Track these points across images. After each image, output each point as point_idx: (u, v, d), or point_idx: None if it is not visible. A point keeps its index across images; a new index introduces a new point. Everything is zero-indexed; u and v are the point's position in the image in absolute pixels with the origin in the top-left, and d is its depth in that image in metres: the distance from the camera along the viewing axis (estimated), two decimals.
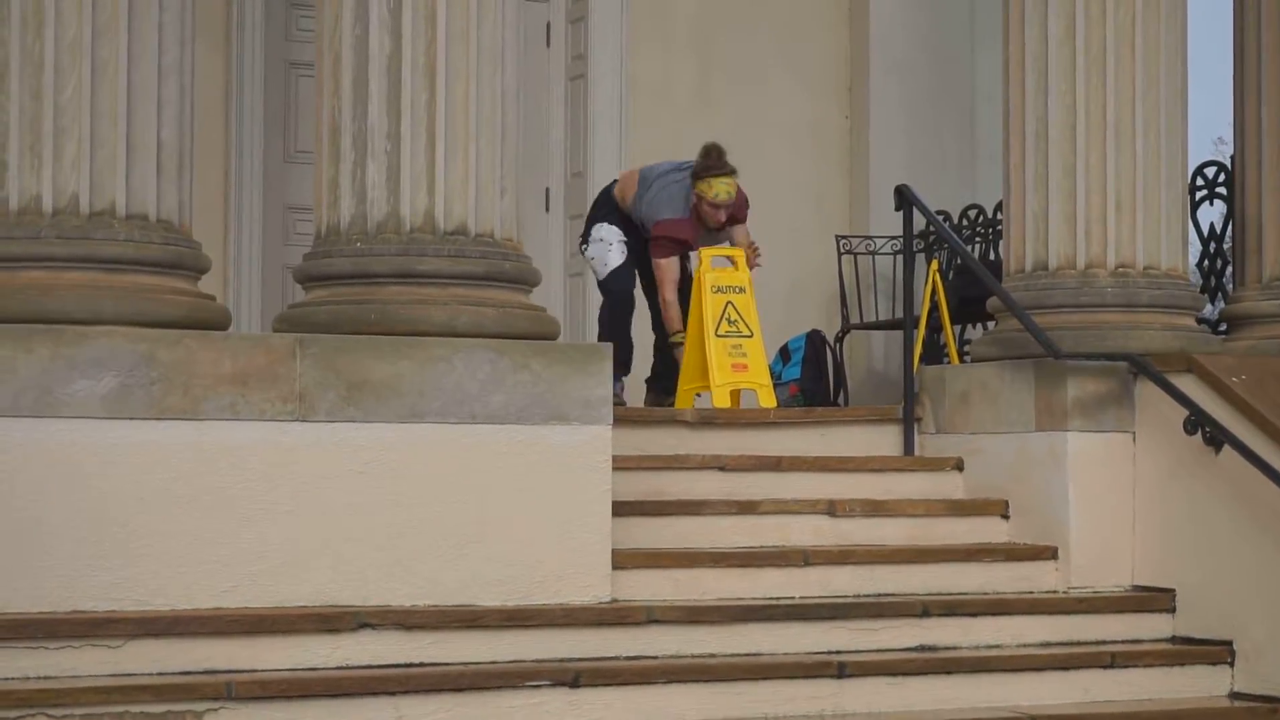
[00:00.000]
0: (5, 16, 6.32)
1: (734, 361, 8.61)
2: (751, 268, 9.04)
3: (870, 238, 10.51)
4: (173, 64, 6.57)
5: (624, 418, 7.82)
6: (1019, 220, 8.52)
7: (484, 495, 6.76)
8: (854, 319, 10.50)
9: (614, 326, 8.91)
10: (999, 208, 8.94)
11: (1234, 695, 7.38)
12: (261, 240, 9.97)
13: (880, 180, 10.50)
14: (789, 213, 10.87)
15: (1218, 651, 7.46)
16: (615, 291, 9.01)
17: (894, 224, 9.40)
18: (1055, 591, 7.80)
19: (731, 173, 9.00)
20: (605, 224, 9.04)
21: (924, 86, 11.29)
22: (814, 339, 10.25)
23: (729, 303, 8.47)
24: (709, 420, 8.60)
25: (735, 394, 9.01)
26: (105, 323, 6.26)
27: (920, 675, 7.00)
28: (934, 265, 9.29)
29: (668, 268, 9.05)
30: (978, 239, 10.00)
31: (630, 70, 10.87)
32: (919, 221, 9.04)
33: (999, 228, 8.92)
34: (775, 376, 10.18)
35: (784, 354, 10.28)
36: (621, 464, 7.28)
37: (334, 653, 6.28)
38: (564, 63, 10.98)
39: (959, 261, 9.23)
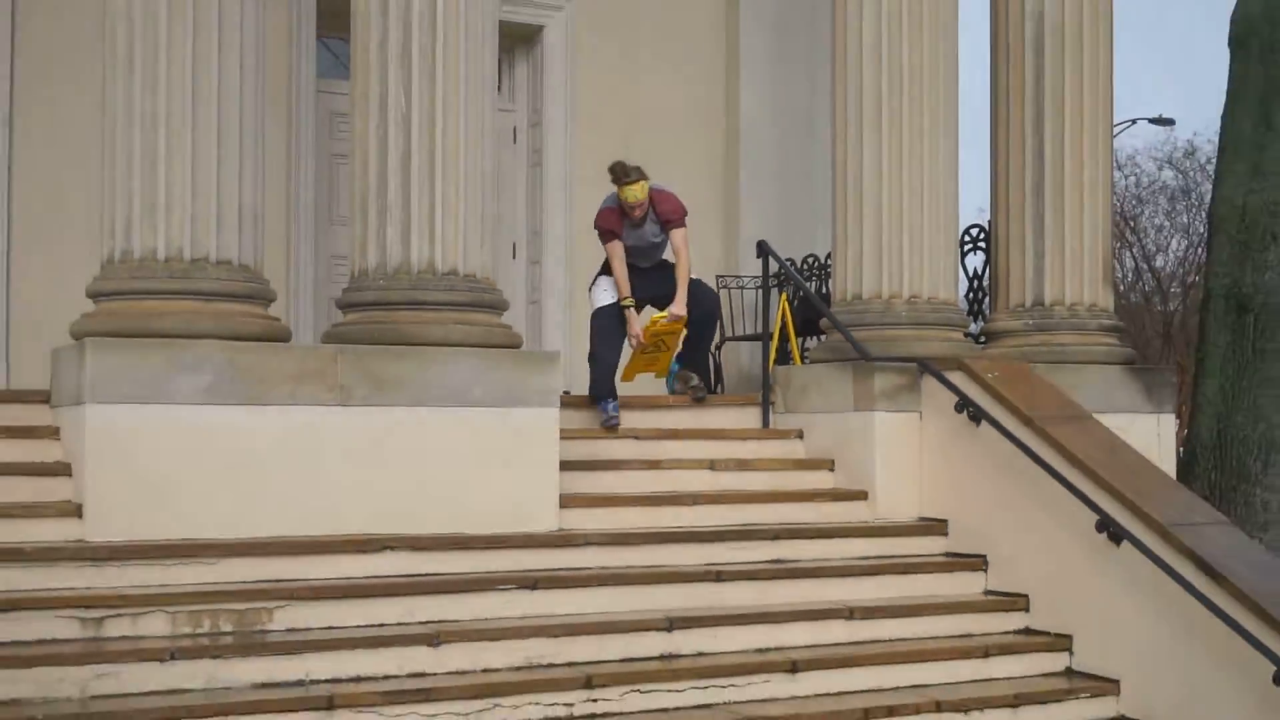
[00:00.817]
0: (131, 119, 6.57)
1: (647, 360, 9.00)
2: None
3: (740, 277, 10.64)
4: (250, 154, 6.87)
5: (568, 403, 8.13)
6: (842, 265, 8.84)
7: (469, 457, 7.06)
8: (729, 334, 10.60)
9: (593, 350, 8.81)
10: (829, 256, 9.14)
11: (987, 592, 7.72)
12: (313, 279, 10.05)
13: (746, 238, 10.63)
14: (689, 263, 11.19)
15: (976, 562, 7.81)
16: (595, 325, 8.87)
17: (756, 268, 9.65)
18: (866, 522, 8.05)
19: (635, 180, 8.71)
20: (602, 276, 9.01)
21: (776, 176, 11.38)
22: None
23: (661, 338, 8.88)
24: (628, 405, 8.83)
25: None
26: (202, 337, 6.58)
27: (774, 580, 7.30)
28: (784, 296, 9.57)
29: (610, 250, 8.86)
30: (814, 277, 10.21)
31: (572, 159, 11.04)
32: (773, 266, 9.38)
33: (829, 269, 9.17)
34: (669, 375, 10.48)
35: (678, 360, 10.45)
36: (567, 435, 7.56)
37: (364, 568, 6.58)
38: (525, 153, 11.07)
39: (801, 293, 9.49)
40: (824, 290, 9.42)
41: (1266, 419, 10.06)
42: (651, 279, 8.98)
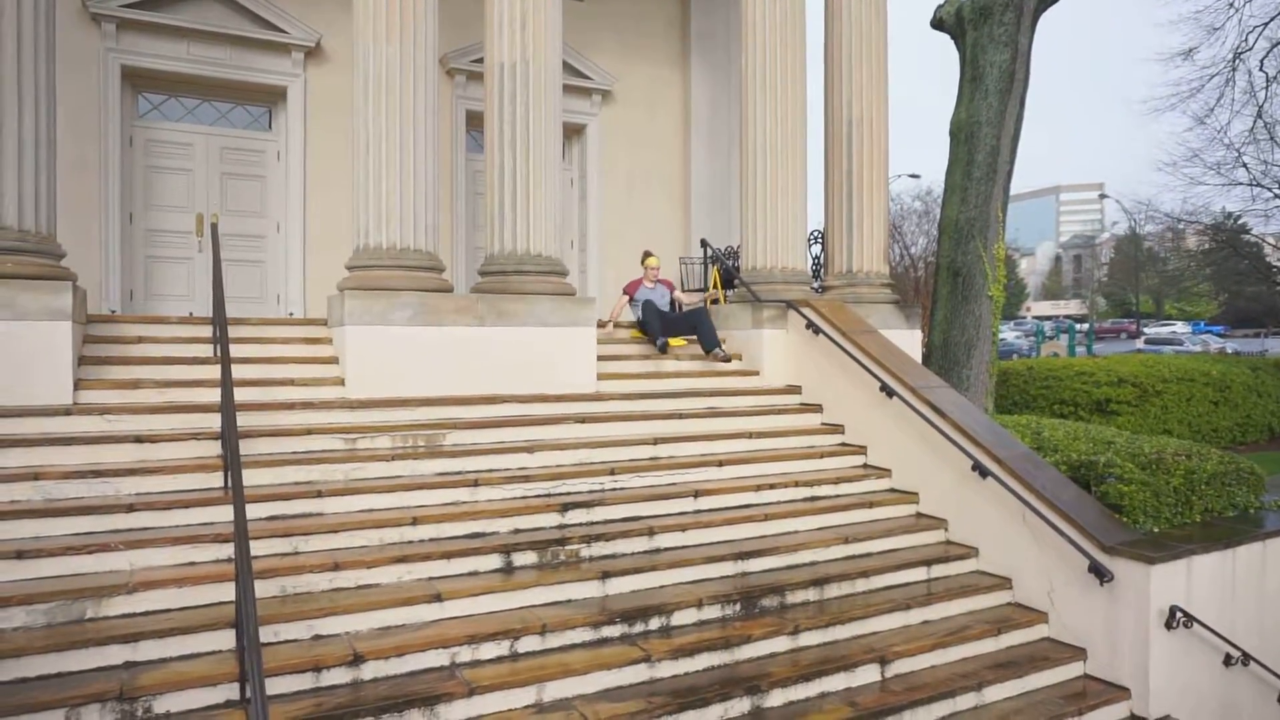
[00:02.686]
0: (368, 178, 6.49)
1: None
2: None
3: (692, 258, 10.61)
4: (430, 195, 6.74)
5: (600, 325, 8.05)
6: (748, 250, 8.69)
7: (549, 353, 6.99)
8: (686, 288, 10.62)
9: (648, 324, 8.17)
10: (739, 245, 9.05)
11: (823, 424, 7.58)
12: (465, 257, 10.08)
13: (694, 236, 10.67)
14: (663, 250, 11.03)
15: (816, 407, 7.69)
16: (642, 311, 8.26)
17: (701, 253, 9.63)
18: (758, 387, 7.93)
19: (654, 256, 8.58)
20: (641, 303, 8.37)
21: (710, 204, 11.38)
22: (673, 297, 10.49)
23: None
24: (622, 326, 8.82)
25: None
26: (405, 289, 6.50)
27: (709, 417, 7.17)
28: (716, 268, 9.51)
29: (621, 302, 8.58)
30: (732, 257, 10.16)
31: (601, 193, 10.99)
32: (710, 251, 9.31)
33: (739, 252, 9.09)
34: None
35: None
36: (601, 341, 7.51)
37: (493, 412, 6.55)
38: (577, 193, 11.00)
39: (724, 265, 9.44)
40: (736, 264, 9.25)
41: (968, 333, 10.03)
42: (676, 323, 8.28)
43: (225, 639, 4.11)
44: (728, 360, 7.90)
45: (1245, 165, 22.88)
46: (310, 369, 6.55)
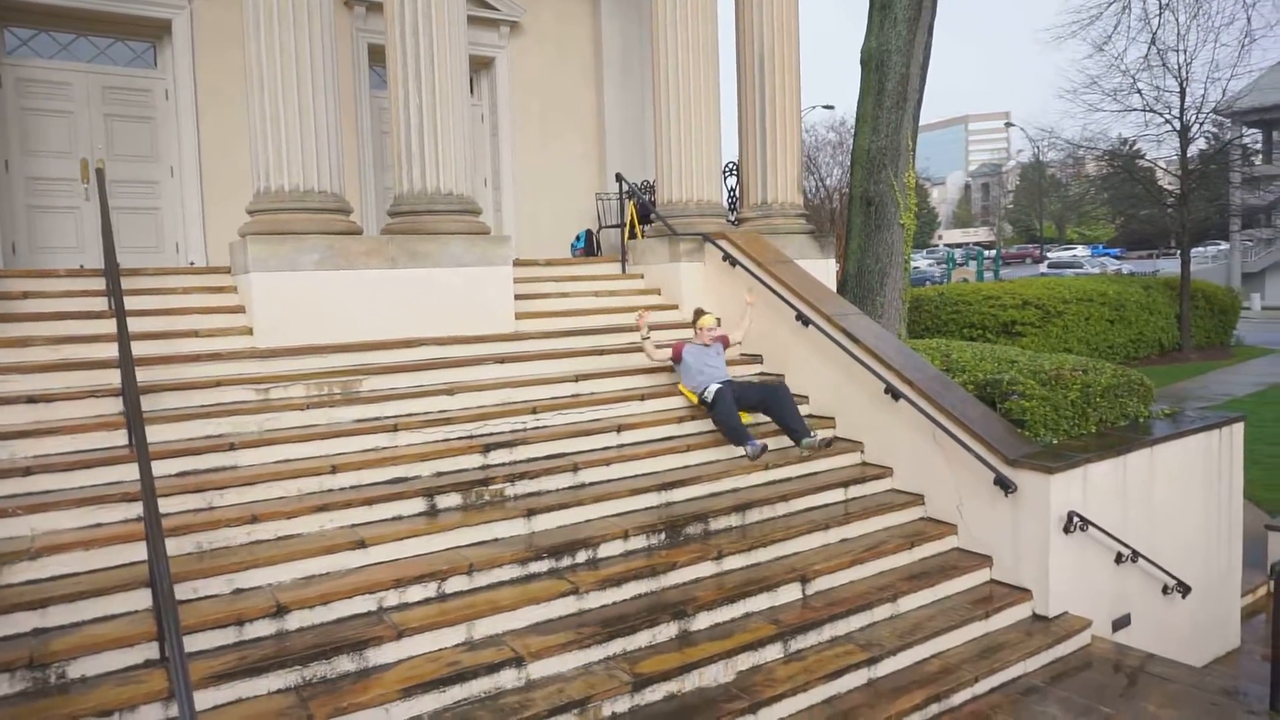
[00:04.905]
0: (264, 119, 6.17)
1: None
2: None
3: (609, 194, 10.49)
4: (333, 135, 6.45)
5: (518, 263, 7.86)
6: (663, 184, 8.60)
7: (466, 293, 6.85)
8: (603, 224, 10.56)
9: (721, 416, 6.07)
10: (655, 180, 8.94)
11: (742, 355, 7.57)
12: (375, 198, 9.74)
13: (610, 171, 10.53)
14: (580, 187, 10.92)
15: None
16: (718, 409, 6.09)
17: (617, 188, 9.50)
18: (678, 320, 7.85)
19: (708, 314, 6.71)
20: (710, 386, 6.28)
21: (624, 138, 11.21)
22: (590, 232, 10.36)
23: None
24: (551, 262, 8.70)
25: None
26: (312, 233, 6.27)
27: (630, 352, 7.17)
28: (632, 203, 9.40)
29: (658, 351, 6.69)
30: (648, 191, 10.06)
31: (514, 129, 10.68)
32: (625, 187, 9.20)
33: (654, 187, 9.00)
34: (572, 248, 10.31)
35: (577, 238, 10.33)
36: (518, 280, 7.40)
37: (410, 355, 6.44)
38: (489, 129, 10.69)
39: (640, 200, 9.36)
40: (652, 199, 9.17)
41: (881, 261, 10.21)
42: (742, 397, 6.22)
43: (141, 599, 4.00)
44: (829, 445, 6.10)
45: (1140, 92, 23.65)
46: (215, 319, 6.30)
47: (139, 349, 5.48)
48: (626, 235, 9.14)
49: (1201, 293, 23.49)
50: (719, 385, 6.23)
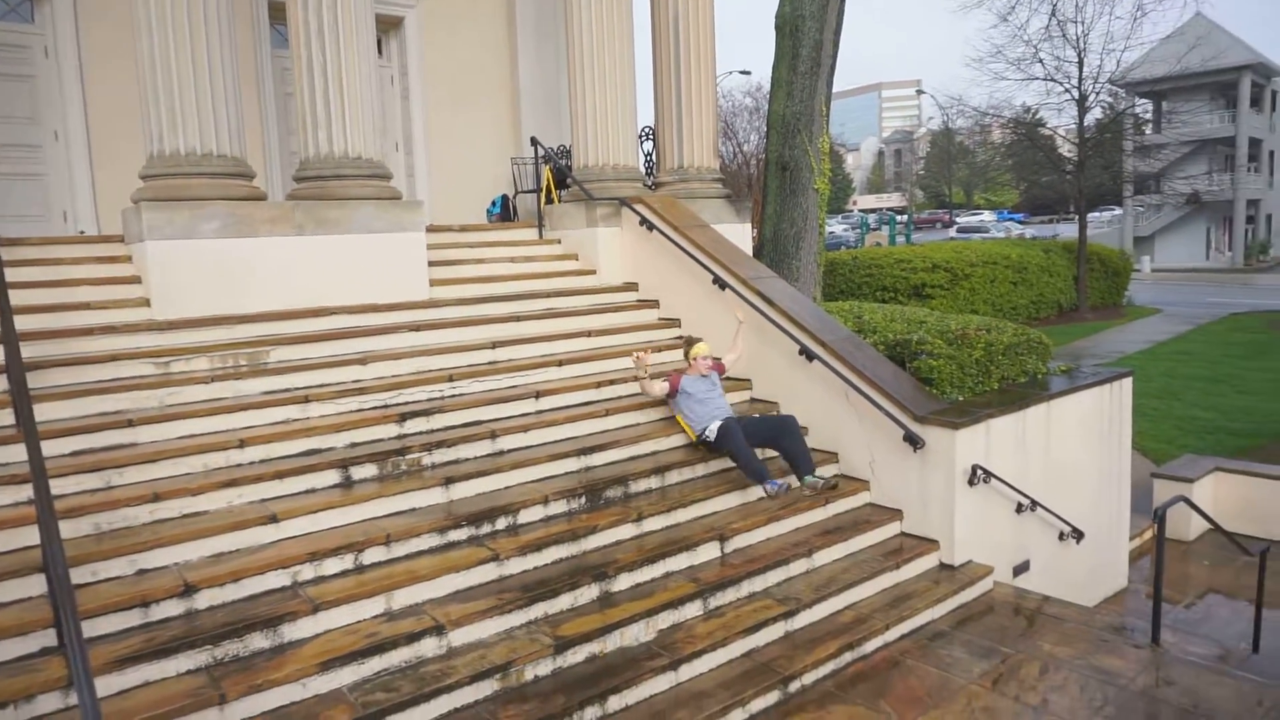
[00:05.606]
0: (156, 86, 5.84)
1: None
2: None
3: (524, 158, 10.28)
4: (231, 95, 6.15)
5: (431, 229, 7.69)
6: (579, 149, 8.48)
7: (377, 260, 6.65)
8: (519, 189, 10.37)
9: (735, 452, 5.51)
10: (571, 144, 8.83)
11: (660, 319, 7.66)
12: (280, 164, 9.32)
13: (526, 134, 10.31)
14: (495, 151, 10.68)
15: (653, 303, 7.76)
16: (732, 443, 5.53)
17: (533, 153, 9.33)
18: (595, 286, 7.88)
19: (701, 342, 6.03)
20: (712, 423, 5.69)
21: (540, 103, 10.98)
22: (506, 197, 10.17)
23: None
24: (466, 228, 8.51)
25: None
26: (212, 199, 6.00)
27: (548, 318, 7.09)
28: (548, 167, 9.25)
29: (656, 385, 5.92)
30: (564, 156, 9.91)
31: (425, 92, 10.35)
32: (541, 151, 9.03)
33: (570, 151, 8.87)
34: (488, 213, 10.10)
35: (493, 204, 10.12)
36: (432, 247, 7.23)
37: (320, 325, 6.24)
38: (399, 91, 10.31)
39: (557, 164, 9.21)
40: (569, 163, 9.05)
41: (796, 225, 10.34)
42: (751, 432, 5.70)
43: (35, 584, 3.83)
44: (833, 488, 5.74)
45: (1041, 61, 24.43)
46: (109, 290, 5.97)
47: (24, 323, 5.18)
48: (543, 200, 9.01)
49: (1097, 256, 24.60)
50: (721, 421, 5.66)
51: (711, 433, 5.67)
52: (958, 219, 57.37)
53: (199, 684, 3.58)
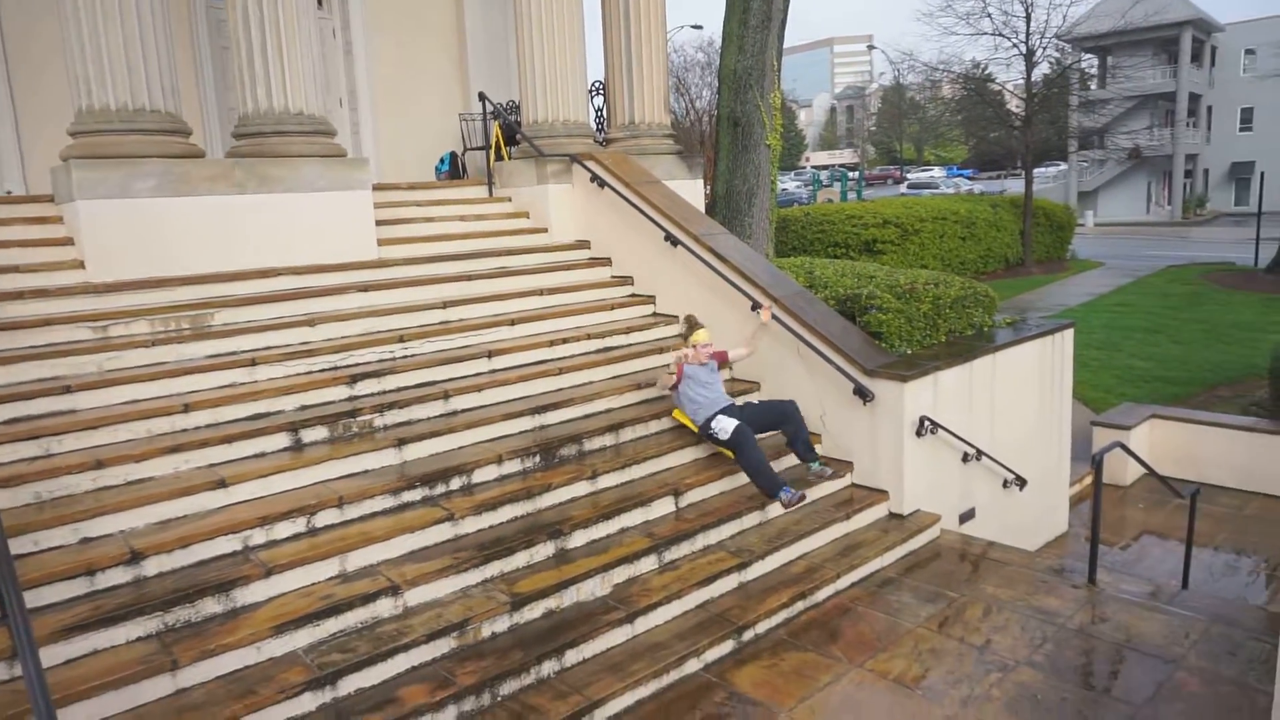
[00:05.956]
0: (82, 34, 5.57)
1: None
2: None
3: (473, 114, 10.04)
4: (164, 49, 5.89)
5: (379, 187, 7.52)
6: (528, 104, 8.29)
7: (323, 220, 6.50)
8: (468, 146, 10.17)
9: (747, 460, 5.23)
10: (520, 100, 8.67)
11: (613, 277, 7.60)
12: (218, 119, 9.01)
13: (474, 89, 10.08)
14: (442, 108, 10.44)
15: (605, 261, 7.70)
16: (742, 444, 5.22)
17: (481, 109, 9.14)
18: (547, 244, 7.80)
19: (702, 327, 5.68)
20: (719, 415, 5.37)
21: (491, 47, 10.71)
22: (454, 154, 9.96)
23: None
24: (414, 186, 8.34)
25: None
26: (147, 156, 5.78)
27: (500, 277, 7.00)
28: (497, 123, 9.06)
29: (671, 378, 5.51)
30: (513, 111, 9.73)
31: (369, 46, 10.03)
32: (490, 107, 8.85)
33: (519, 106, 8.70)
34: (437, 171, 9.90)
35: (442, 161, 9.90)
36: (379, 205, 7.08)
37: (266, 286, 6.09)
38: (341, 45, 9.95)
39: (506, 120, 9.04)
40: (518, 119, 8.89)
41: (748, 181, 10.33)
42: (754, 419, 5.50)
43: None
44: (830, 476, 5.65)
45: (990, 16, 24.60)
46: (40, 252, 5.74)
47: None
48: (492, 157, 8.84)
49: (1042, 210, 25.04)
50: (728, 417, 5.35)
51: (720, 431, 5.31)
52: (909, 175, 57.81)
53: (150, 651, 3.54)
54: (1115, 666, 4.21)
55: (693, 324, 5.78)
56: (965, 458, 6.24)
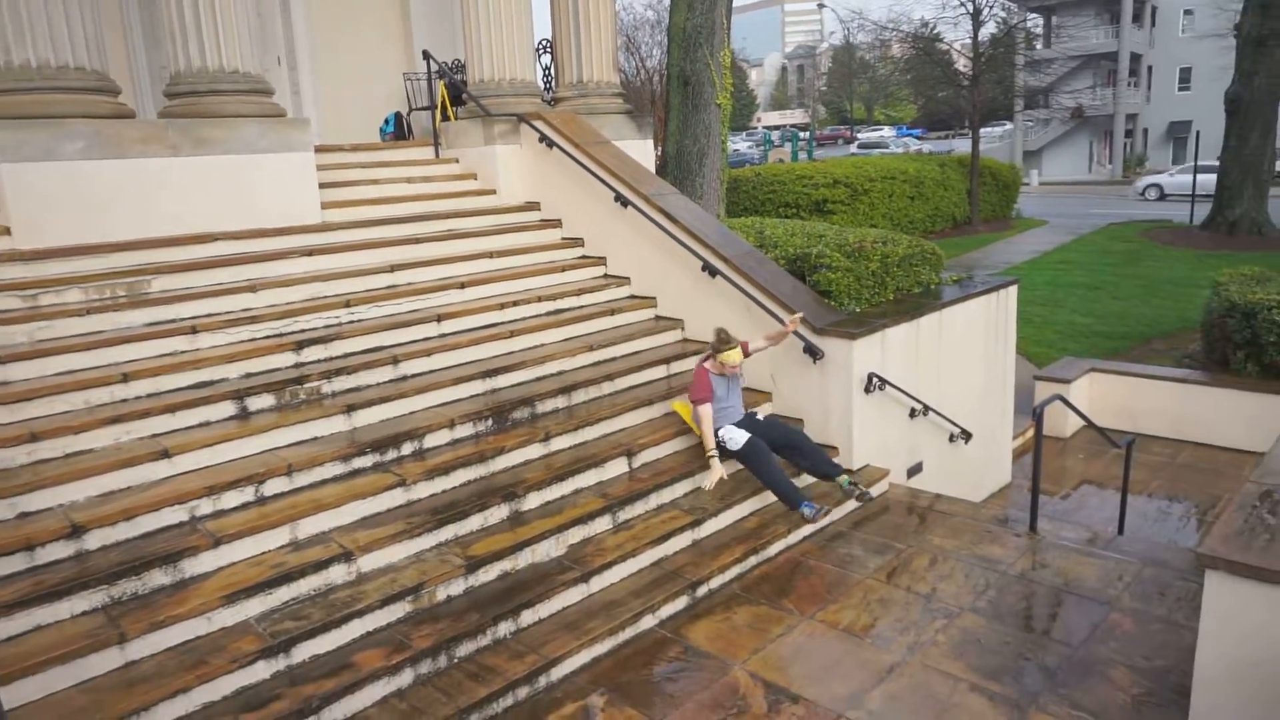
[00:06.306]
0: None
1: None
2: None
3: (417, 74, 9.83)
4: (90, 1, 5.66)
5: (322, 149, 7.32)
6: (474, 63, 8.13)
7: (264, 182, 6.31)
8: (413, 106, 9.93)
9: (762, 473, 5.17)
10: (465, 59, 8.47)
11: (563, 239, 7.52)
12: (148, 77, 8.66)
13: (418, 47, 9.81)
14: (386, 67, 10.15)
15: (555, 223, 7.61)
16: (752, 460, 5.18)
17: (425, 69, 8.92)
18: (496, 206, 7.67)
19: (735, 345, 5.27)
20: (729, 427, 5.29)
21: (435, 9, 10.38)
22: (399, 114, 9.72)
23: None
24: (358, 148, 8.13)
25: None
26: (73, 117, 5.54)
27: (449, 240, 6.89)
28: (443, 83, 8.84)
29: (701, 413, 5.20)
30: (459, 71, 9.52)
31: (308, 4, 9.64)
32: (435, 67, 8.64)
33: (465, 66, 8.52)
34: (382, 132, 9.66)
35: (386, 122, 9.66)
36: (323, 168, 6.90)
37: (206, 252, 5.91)
38: (278, 1, 9.59)
39: (451, 79, 8.83)
40: (464, 79, 8.70)
41: (699, 141, 10.27)
42: (770, 435, 5.37)
43: None
44: (867, 497, 5.44)
45: None
46: None
47: None
48: (438, 118, 8.65)
49: (989, 169, 25.36)
50: (740, 429, 5.23)
51: (730, 441, 5.19)
52: (859, 135, 58.06)
53: (96, 624, 3.48)
54: (1054, 610, 4.37)
55: (723, 340, 5.27)
56: (913, 413, 6.36)
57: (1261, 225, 20.08)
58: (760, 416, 5.66)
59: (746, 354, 5.46)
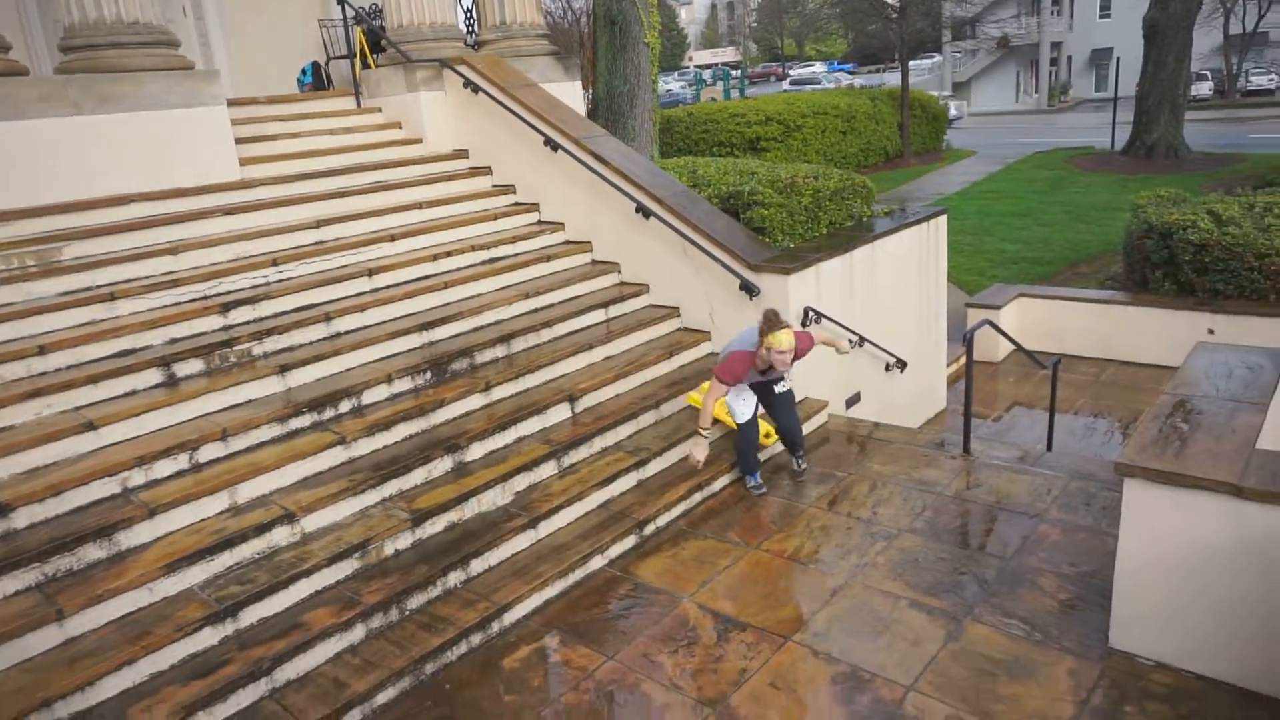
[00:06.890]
0: None
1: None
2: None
3: (333, 20, 9.43)
4: None
5: (235, 103, 7.02)
6: (394, 7, 7.82)
7: (173, 140, 6.04)
8: (331, 55, 9.54)
9: (740, 444, 5.04)
10: (384, 2, 8.15)
11: (494, 185, 7.40)
12: (41, 32, 8.16)
13: None
14: (300, 14, 9.71)
15: (486, 170, 7.46)
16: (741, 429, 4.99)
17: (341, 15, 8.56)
18: (423, 155, 7.46)
19: (788, 327, 4.62)
20: (738, 388, 4.97)
21: None
22: (317, 64, 9.33)
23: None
24: (275, 100, 7.80)
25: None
26: None
27: (377, 192, 6.69)
28: (360, 29, 8.50)
29: (715, 389, 4.75)
30: (377, 16, 9.16)
31: None
32: (350, 13, 8.29)
33: (383, 11, 8.18)
34: (299, 83, 9.29)
35: (304, 72, 9.28)
36: (238, 122, 6.63)
37: (120, 215, 5.68)
38: None
39: (369, 25, 8.49)
40: (382, 24, 8.37)
41: (629, 82, 10.13)
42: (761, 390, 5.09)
43: None
44: (803, 475, 5.26)
45: None
46: None
47: None
48: (358, 66, 8.33)
49: (919, 102, 25.53)
50: (749, 408, 5.04)
51: (737, 414, 5.02)
52: (791, 71, 57.76)
53: (32, 602, 3.39)
54: (987, 525, 4.55)
55: (773, 323, 4.61)
56: (850, 344, 6.45)
57: (1178, 148, 20.67)
58: (787, 387, 5.18)
59: (807, 346, 4.91)
